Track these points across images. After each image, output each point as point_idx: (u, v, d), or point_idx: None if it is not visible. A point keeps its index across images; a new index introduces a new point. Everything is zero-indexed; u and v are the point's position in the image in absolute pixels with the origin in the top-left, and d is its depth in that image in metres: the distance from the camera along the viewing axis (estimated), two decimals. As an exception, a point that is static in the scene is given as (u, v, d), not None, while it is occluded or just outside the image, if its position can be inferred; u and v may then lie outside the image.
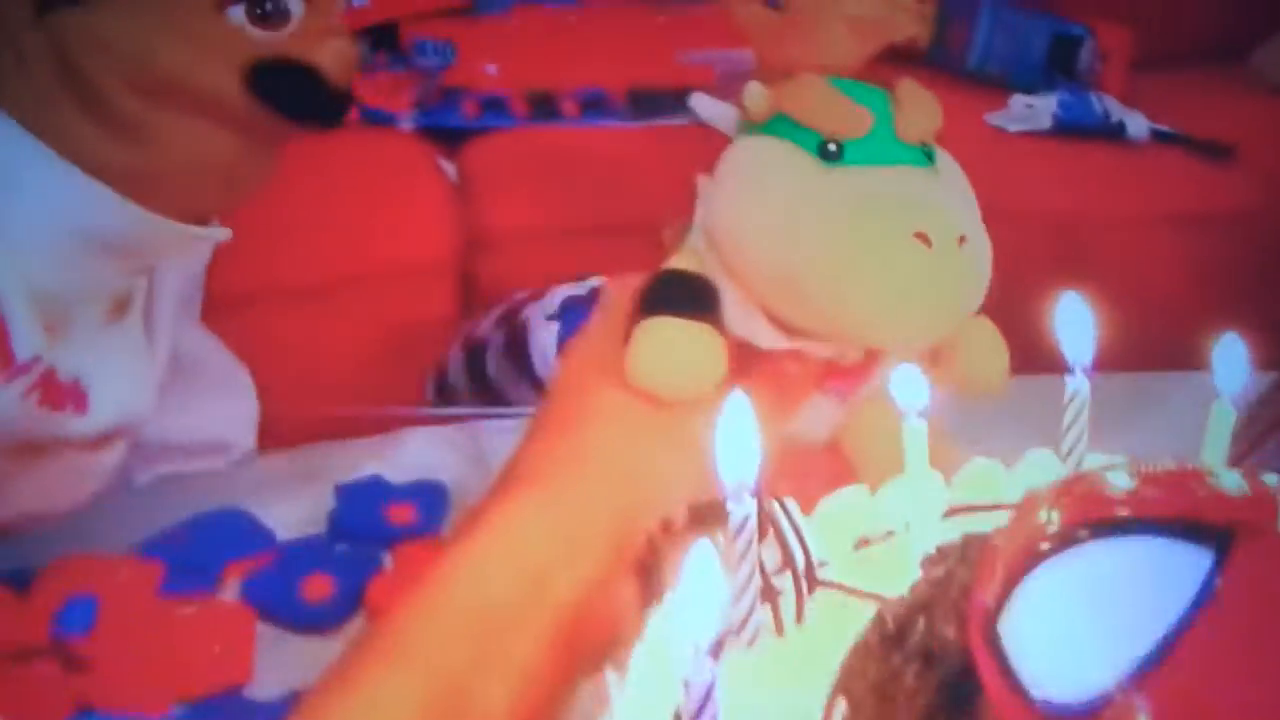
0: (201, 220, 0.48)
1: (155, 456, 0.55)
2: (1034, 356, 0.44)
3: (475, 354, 0.74)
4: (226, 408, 0.59)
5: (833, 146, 0.40)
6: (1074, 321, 0.37)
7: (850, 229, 0.39)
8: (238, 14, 0.44)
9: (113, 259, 0.47)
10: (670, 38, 1.04)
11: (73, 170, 0.43)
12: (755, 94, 0.42)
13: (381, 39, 1.00)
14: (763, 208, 0.41)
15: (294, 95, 0.45)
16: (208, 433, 0.58)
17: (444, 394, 0.73)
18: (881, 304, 0.39)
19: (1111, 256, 0.95)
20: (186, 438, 0.56)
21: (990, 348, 0.44)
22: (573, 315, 0.64)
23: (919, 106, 0.41)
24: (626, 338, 0.41)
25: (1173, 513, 0.27)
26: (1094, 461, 0.37)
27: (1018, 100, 1.04)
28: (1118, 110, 1.05)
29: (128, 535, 0.50)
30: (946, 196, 0.41)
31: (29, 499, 0.49)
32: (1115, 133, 1.01)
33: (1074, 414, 0.36)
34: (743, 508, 0.29)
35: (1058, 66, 1.10)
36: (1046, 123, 1.01)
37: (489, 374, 0.73)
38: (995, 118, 1.03)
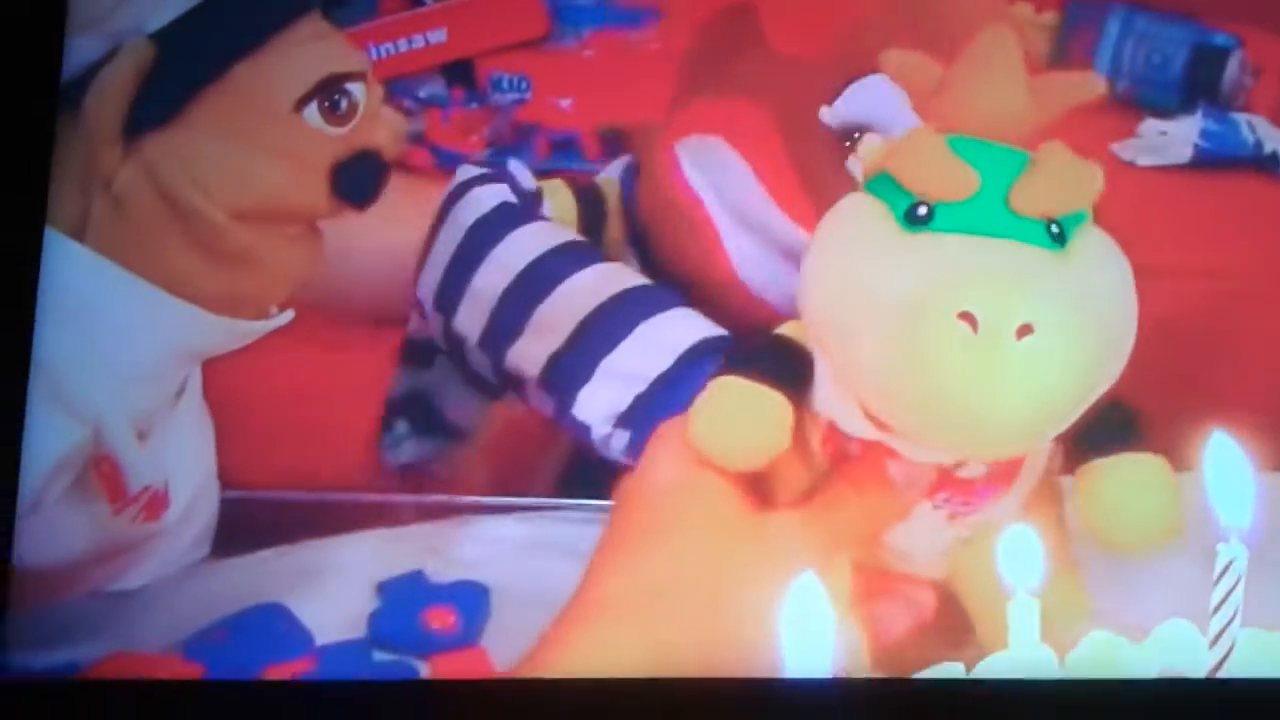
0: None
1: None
2: (1179, 448, 0.42)
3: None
4: None
5: (922, 210, 0.39)
6: (1229, 474, 0.35)
7: (893, 301, 0.38)
8: (313, 114, 0.48)
9: (198, 360, 0.51)
10: (759, 66, 1.04)
11: (175, 302, 0.48)
12: (868, 148, 0.43)
13: (456, 74, 1.04)
14: (829, 273, 0.41)
15: (364, 183, 0.49)
16: None
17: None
18: (916, 390, 0.37)
19: (1269, 324, 0.91)
20: None
21: (1136, 498, 0.40)
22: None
23: (1053, 175, 0.39)
24: None
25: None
26: (1246, 640, 0.34)
27: (1150, 126, 1.01)
28: (1273, 138, 1.01)
29: (174, 628, 0.54)
30: (1039, 279, 0.38)
31: (102, 580, 0.53)
32: (1269, 166, 0.98)
33: (1226, 589, 0.34)
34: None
35: (1199, 84, 1.07)
36: (1185, 154, 0.98)
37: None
38: (1123, 148, 1.00)
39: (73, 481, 0.48)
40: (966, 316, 0.37)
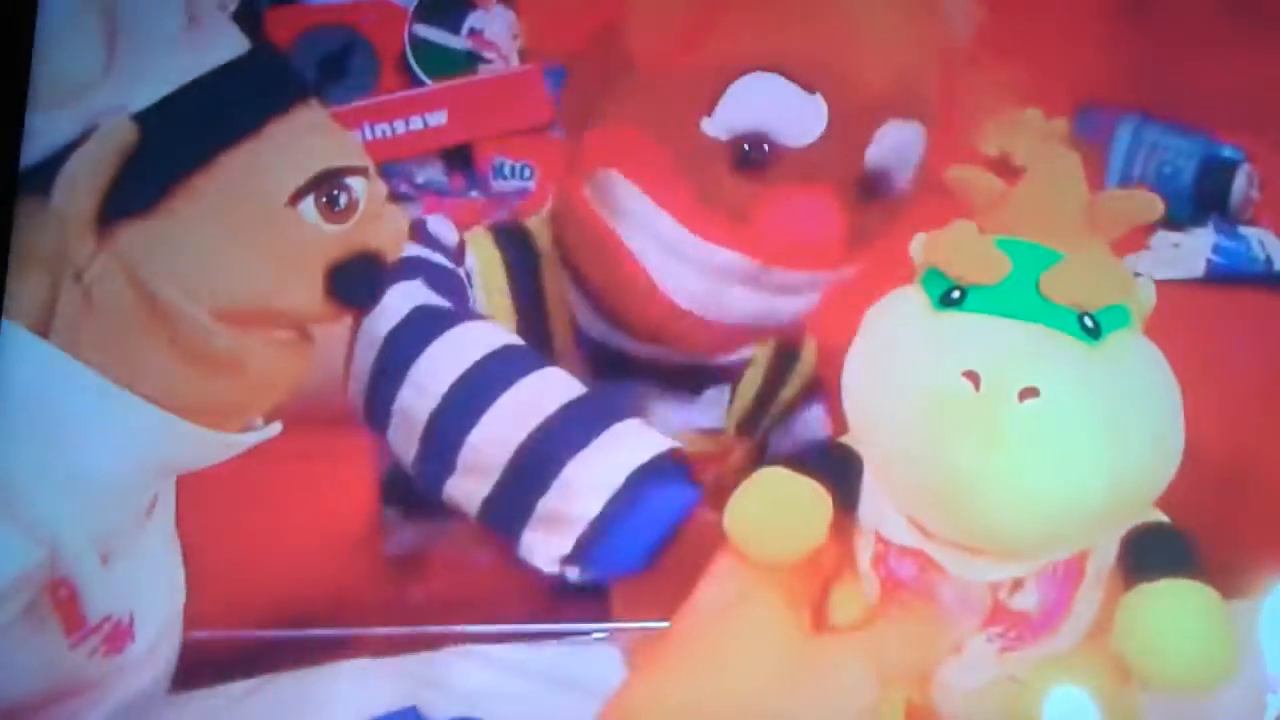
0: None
1: None
2: (1223, 574, 0.40)
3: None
4: None
5: (956, 293, 0.39)
6: (1281, 626, 0.32)
7: (907, 370, 0.39)
8: (309, 209, 0.44)
9: (169, 475, 0.46)
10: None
11: (149, 409, 0.43)
12: (915, 245, 0.42)
13: (456, 159, 1.01)
14: (862, 363, 0.41)
15: (363, 288, 0.46)
16: None
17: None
18: (921, 454, 0.37)
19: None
20: None
21: (1179, 631, 0.37)
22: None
23: (1086, 266, 0.39)
24: None
25: None
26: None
27: (1162, 238, 1.00)
28: (1281, 253, 1.00)
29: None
30: (1056, 355, 0.38)
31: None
32: (1278, 283, 0.96)
33: (1277, 744, 0.32)
34: None
35: (1208, 197, 1.06)
36: (1198, 268, 0.97)
37: None
38: (1136, 261, 0.98)
39: (23, 609, 0.43)
40: (970, 375, 0.38)
